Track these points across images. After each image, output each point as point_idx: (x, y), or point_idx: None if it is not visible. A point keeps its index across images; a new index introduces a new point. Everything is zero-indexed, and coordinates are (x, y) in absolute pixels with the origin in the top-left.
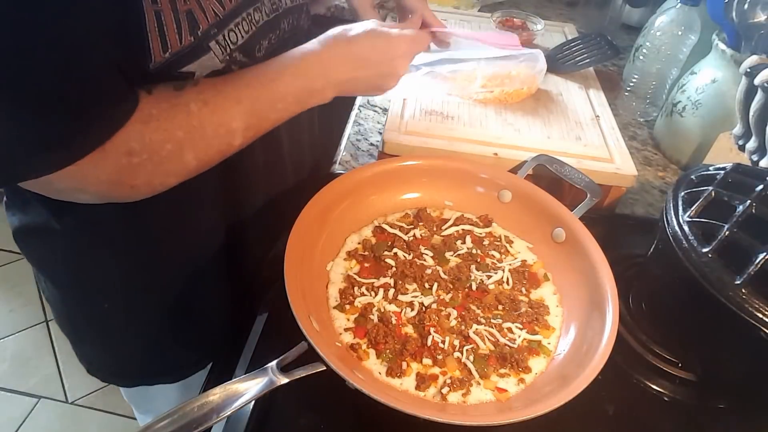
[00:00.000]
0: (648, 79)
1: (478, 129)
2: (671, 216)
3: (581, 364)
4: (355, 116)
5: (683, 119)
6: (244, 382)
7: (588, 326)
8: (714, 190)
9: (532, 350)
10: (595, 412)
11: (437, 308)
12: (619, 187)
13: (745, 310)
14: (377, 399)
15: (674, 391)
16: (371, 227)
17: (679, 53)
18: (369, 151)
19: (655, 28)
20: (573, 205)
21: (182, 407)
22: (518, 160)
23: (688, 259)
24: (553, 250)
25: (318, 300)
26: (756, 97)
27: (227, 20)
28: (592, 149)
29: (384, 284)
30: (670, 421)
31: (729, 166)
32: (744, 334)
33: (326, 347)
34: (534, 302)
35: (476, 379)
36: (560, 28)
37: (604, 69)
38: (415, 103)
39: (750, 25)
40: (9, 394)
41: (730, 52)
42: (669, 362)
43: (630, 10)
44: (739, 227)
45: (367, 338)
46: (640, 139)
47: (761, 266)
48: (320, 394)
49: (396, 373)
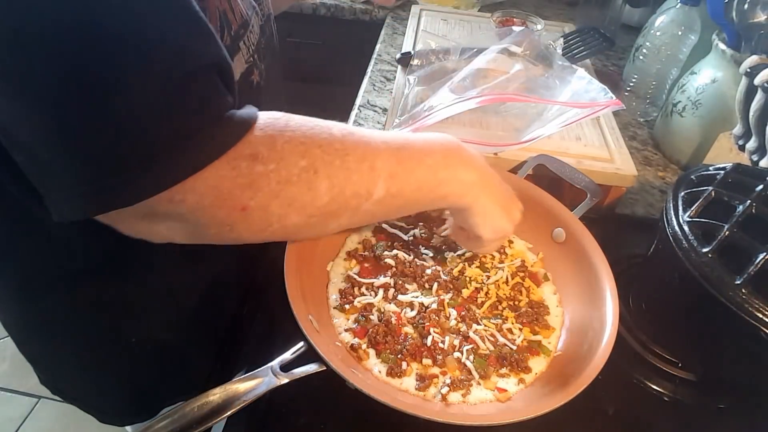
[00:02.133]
0: (648, 79)
1: (478, 129)
2: (671, 216)
3: (581, 364)
4: (355, 116)
5: (683, 119)
6: (244, 382)
7: (588, 326)
8: (714, 190)
9: (532, 350)
10: (595, 412)
11: (437, 308)
12: (619, 187)
13: (745, 310)
14: (377, 399)
15: (674, 391)
16: (371, 227)
17: (679, 53)
18: None
19: (655, 28)
20: (573, 205)
21: (182, 407)
22: (518, 160)
23: (688, 259)
24: (553, 250)
25: (318, 300)
26: (756, 97)
27: (247, 21)
28: (592, 149)
29: (384, 284)
30: (670, 421)
31: (729, 166)
32: (744, 334)
33: (326, 347)
34: (534, 302)
35: (476, 379)
36: (560, 28)
37: (604, 69)
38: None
39: (750, 25)
40: (9, 394)
41: (730, 52)
42: (669, 362)
43: (630, 10)
44: (739, 227)
45: (367, 338)
46: (640, 139)
47: (761, 266)
48: (320, 394)
49: (396, 373)
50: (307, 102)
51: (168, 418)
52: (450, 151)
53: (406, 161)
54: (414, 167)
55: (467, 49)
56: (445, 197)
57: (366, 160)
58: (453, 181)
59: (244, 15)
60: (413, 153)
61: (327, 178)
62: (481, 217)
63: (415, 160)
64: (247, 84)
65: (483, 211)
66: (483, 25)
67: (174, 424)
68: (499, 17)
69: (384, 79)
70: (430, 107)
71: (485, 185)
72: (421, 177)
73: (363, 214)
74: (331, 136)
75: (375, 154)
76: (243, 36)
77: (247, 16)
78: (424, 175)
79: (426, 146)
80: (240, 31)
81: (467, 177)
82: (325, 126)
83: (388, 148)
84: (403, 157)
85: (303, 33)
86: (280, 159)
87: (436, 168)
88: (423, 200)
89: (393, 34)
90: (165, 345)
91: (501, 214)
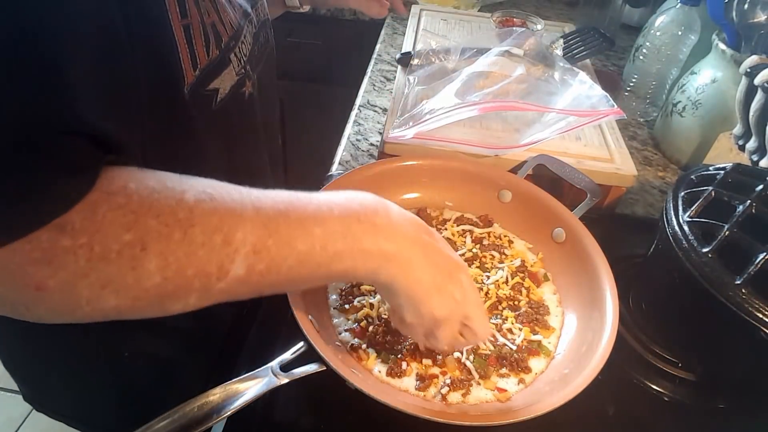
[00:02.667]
0: (648, 79)
1: (478, 129)
2: (671, 216)
3: (581, 364)
4: (355, 116)
5: (683, 119)
6: (244, 382)
7: (588, 326)
8: (714, 190)
9: (532, 350)
10: (595, 412)
11: None
12: (619, 187)
13: (745, 310)
14: (377, 399)
15: (674, 391)
16: None
17: (679, 53)
18: (369, 151)
19: (655, 28)
20: (573, 205)
21: (182, 407)
22: (518, 160)
23: (688, 259)
24: (553, 250)
25: (318, 300)
26: (756, 97)
27: (239, 32)
28: (591, 149)
29: None
30: (670, 421)
31: (729, 166)
32: (744, 334)
33: (326, 347)
34: (534, 302)
35: (476, 379)
36: (560, 28)
37: (604, 69)
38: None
39: (750, 25)
40: (9, 394)
41: (730, 52)
42: (669, 362)
43: (630, 10)
44: (739, 227)
45: (367, 338)
46: (640, 139)
47: (761, 266)
48: (320, 394)
49: (396, 373)
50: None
51: (168, 418)
52: (360, 216)
53: (282, 232)
54: (292, 239)
55: (467, 49)
56: (346, 272)
57: (220, 231)
58: (356, 253)
59: (235, 25)
60: (296, 221)
61: (159, 254)
62: (402, 297)
63: (297, 230)
64: (239, 96)
65: (405, 290)
66: (483, 25)
67: (174, 424)
68: (499, 17)
69: (384, 79)
70: (432, 110)
71: (411, 258)
72: (303, 251)
73: (219, 294)
74: (179, 203)
75: (235, 225)
76: (234, 48)
77: (239, 25)
78: (309, 248)
79: (321, 211)
80: (231, 43)
81: (384, 247)
82: (179, 190)
83: (257, 216)
84: (278, 226)
85: (303, 33)
86: (95, 231)
87: (327, 239)
88: (311, 276)
89: (393, 34)
90: (159, 357)
91: (429, 294)
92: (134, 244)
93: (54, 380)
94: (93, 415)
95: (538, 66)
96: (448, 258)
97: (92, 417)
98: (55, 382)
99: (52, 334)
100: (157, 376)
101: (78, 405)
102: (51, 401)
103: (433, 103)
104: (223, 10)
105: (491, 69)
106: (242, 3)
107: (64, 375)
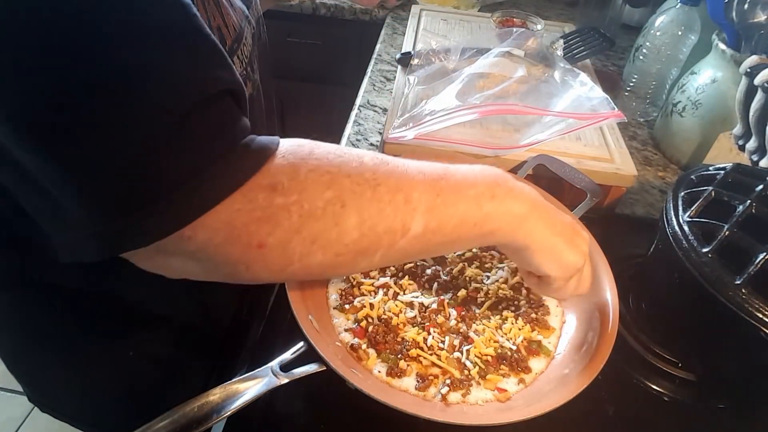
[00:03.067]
0: (648, 79)
1: (478, 129)
2: (671, 216)
3: (581, 364)
4: (355, 116)
5: (683, 119)
6: (244, 382)
7: (588, 326)
8: (714, 190)
9: (532, 350)
10: (595, 412)
11: (437, 308)
12: (619, 187)
13: (745, 310)
14: (377, 399)
15: (674, 391)
16: None
17: (679, 53)
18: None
19: (655, 28)
20: (573, 205)
21: (182, 407)
22: (518, 160)
23: (688, 259)
24: None
25: (318, 300)
26: (756, 97)
27: (241, 34)
28: (591, 149)
29: (384, 284)
30: (670, 421)
31: (729, 166)
32: (744, 334)
33: (326, 347)
34: (534, 302)
35: (476, 380)
36: (560, 28)
37: (604, 69)
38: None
39: (750, 25)
40: (9, 394)
41: (730, 52)
42: (669, 362)
43: (630, 10)
44: (739, 227)
45: (367, 338)
46: (640, 139)
47: (761, 266)
48: (320, 394)
49: (396, 373)
50: (307, 102)
51: (168, 418)
52: (495, 181)
53: (446, 193)
54: (455, 200)
55: (468, 49)
56: (493, 233)
57: (401, 191)
58: (501, 214)
59: (237, 27)
60: (453, 184)
61: (356, 211)
62: (542, 253)
63: (455, 192)
64: None
65: (542, 246)
66: (483, 26)
67: (174, 424)
68: (499, 17)
69: (384, 79)
70: (432, 111)
71: (540, 217)
72: (464, 210)
73: (397, 252)
74: (361, 165)
75: (411, 185)
76: (237, 50)
77: (240, 27)
78: (467, 208)
79: (468, 177)
80: (234, 45)
81: (517, 209)
82: (355, 154)
83: (425, 178)
84: (443, 188)
85: (303, 33)
86: (302, 190)
87: (480, 200)
88: (466, 237)
89: (393, 34)
90: (160, 357)
91: (564, 246)
92: (335, 201)
93: (57, 381)
94: (95, 415)
95: (539, 66)
96: (565, 216)
97: (94, 417)
98: (58, 382)
99: (55, 335)
100: (158, 375)
101: (81, 405)
102: (54, 402)
103: (434, 103)
104: (226, 13)
105: (492, 70)
106: (240, 5)
107: (68, 376)
